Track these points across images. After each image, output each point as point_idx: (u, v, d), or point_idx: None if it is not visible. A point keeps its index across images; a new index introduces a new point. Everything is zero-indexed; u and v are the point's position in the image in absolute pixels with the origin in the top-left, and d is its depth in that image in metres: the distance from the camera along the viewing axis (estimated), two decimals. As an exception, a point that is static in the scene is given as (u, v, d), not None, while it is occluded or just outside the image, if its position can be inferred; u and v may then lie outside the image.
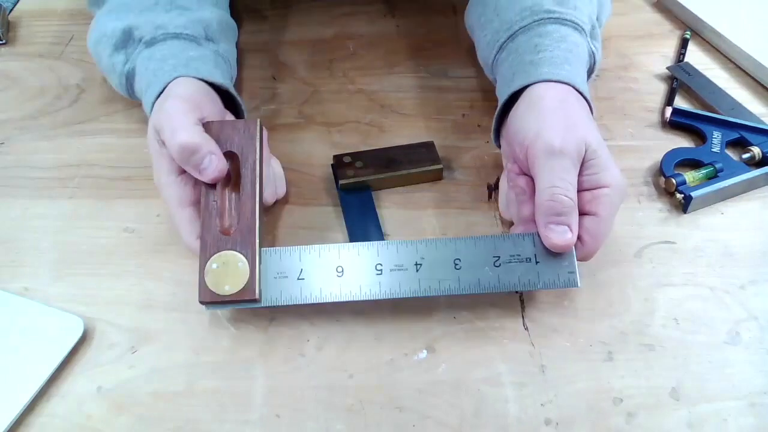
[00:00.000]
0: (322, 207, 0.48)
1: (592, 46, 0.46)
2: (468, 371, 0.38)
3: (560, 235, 0.37)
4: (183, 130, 0.39)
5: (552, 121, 0.39)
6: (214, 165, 0.39)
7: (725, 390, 0.37)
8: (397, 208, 0.48)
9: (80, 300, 0.42)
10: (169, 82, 0.43)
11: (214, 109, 0.43)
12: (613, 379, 0.38)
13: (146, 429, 0.36)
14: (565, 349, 0.39)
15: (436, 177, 0.49)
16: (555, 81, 0.41)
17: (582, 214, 0.38)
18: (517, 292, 0.42)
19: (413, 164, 0.48)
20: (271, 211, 0.47)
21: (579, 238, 0.38)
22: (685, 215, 0.47)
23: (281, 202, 0.48)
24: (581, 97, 0.42)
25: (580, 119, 0.40)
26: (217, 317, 0.41)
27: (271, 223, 0.47)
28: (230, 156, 0.41)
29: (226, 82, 0.45)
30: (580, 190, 0.38)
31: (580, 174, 0.38)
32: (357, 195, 0.47)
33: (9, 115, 0.56)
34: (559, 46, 0.43)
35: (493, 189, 0.49)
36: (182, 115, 0.40)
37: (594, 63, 0.46)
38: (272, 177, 0.45)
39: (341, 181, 0.47)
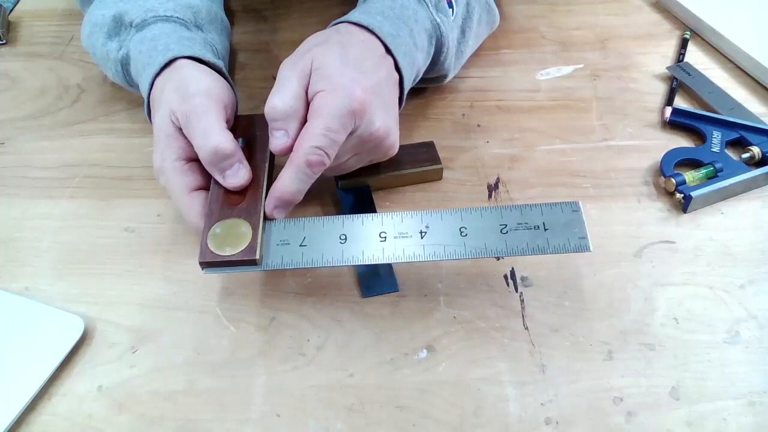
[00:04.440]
0: (322, 207, 0.48)
1: (436, 18, 0.47)
2: (468, 371, 0.38)
3: (276, 140, 0.40)
4: (216, 132, 0.39)
5: (305, 44, 0.43)
6: (240, 174, 0.40)
7: (725, 389, 0.37)
8: (397, 208, 0.48)
9: (81, 299, 0.42)
10: (166, 63, 0.43)
11: (231, 97, 0.44)
12: (613, 378, 0.38)
13: (147, 428, 0.36)
14: (565, 348, 0.39)
15: (436, 177, 0.49)
16: (355, 23, 0.44)
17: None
18: (508, 283, 0.42)
19: (413, 164, 0.48)
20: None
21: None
22: (685, 215, 0.47)
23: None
24: (376, 41, 0.43)
25: (328, 43, 0.42)
26: (217, 317, 0.41)
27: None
28: (246, 143, 0.43)
29: (219, 63, 0.46)
30: (310, 101, 0.40)
31: (309, 87, 0.40)
32: (357, 195, 0.47)
33: (9, 115, 0.56)
34: (384, 2, 0.46)
35: (493, 189, 0.49)
36: (213, 115, 0.40)
37: (441, 34, 0.48)
38: None
39: (341, 181, 0.47)
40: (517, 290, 0.42)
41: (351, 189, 0.48)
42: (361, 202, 0.47)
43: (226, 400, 0.37)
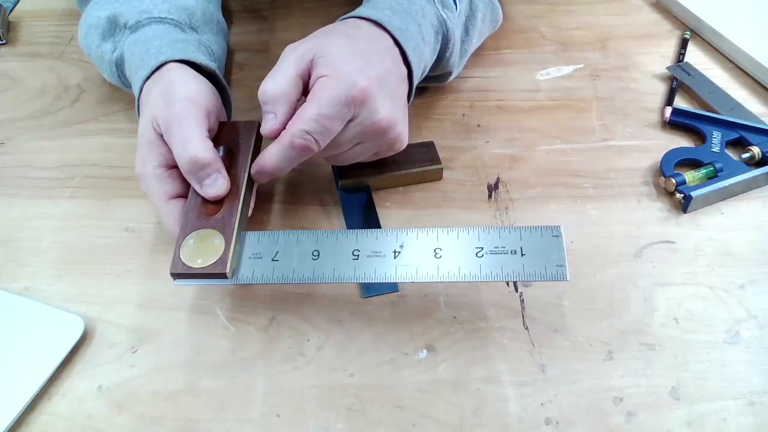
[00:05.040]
0: (323, 207, 0.48)
1: (442, 13, 0.47)
2: (468, 371, 0.38)
3: (265, 122, 0.40)
4: (195, 141, 0.39)
5: (311, 34, 0.43)
6: (218, 184, 0.40)
7: (725, 389, 0.37)
8: (397, 208, 0.48)
9: (81, 299, 0.42)
10: (157, 66, 0.43)
11: (216, 104, 0.44)
12: (613, 378, 0.38)
13: (147, 428, 0.36)
14: (565, 348, 0.39)
15: (436, 177, 0.49)
16: (365, 18, 0.44)
17: None
18: (508, 283, 0.42)
19: (413, 164, 0.48)
20: (271, 211, 0.47)
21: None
22: (685, 215, 0.47)
23: (282, 202, 0.48)
24: (385, 34, 0.43)
25: (335, 33, 0.42)
26: (217, 317, 0.41)
27: (271, 223, 0.47)
28: (227, 151, 0.42)
29: (211, 65, 0.46)
30: (311, 88, 0.40)
31: (311, 73, 0.40)
32: (357, 195, 0.47)
33: (9, 115, 0.56)
34: None
35: (493, 189, 0.49)
36: (194, 123, 0.40)
37: (447, 30, 0.48)
38: None
39: (341, 181, 0.47)
40: (517, 290, 0.42)
41: (351, 189, 0.48)
42: (362, 202, 0.47)
43: (226, 400, 0.37)
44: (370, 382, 0.38)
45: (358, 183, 0.48)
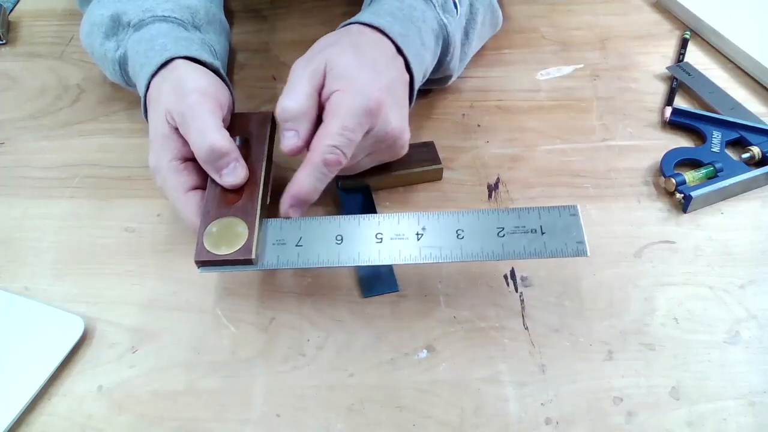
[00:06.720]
0: (323, 207, 0.48)
1: (443, 18, 0.47)
2: (468, 371, 0.38)
3: (286, 140, 0.40)
4: (212, 131, 0.39)
5: (317, 45, 0.43)
6: (237, 173, 0.40)
7: (725, 389, 0.37)
8: (397, 208, 0.48)
9: (81, 299, 0.42)
10: (162, 63, 0.43)
11: (227, 96, 0.44)
12: (614, 378, 0.38)
13: (147, 428, 0.36)
14: (565, 348, 0.39)
15: (436, 177, 0.49)
16: (365, 24, 0.44)
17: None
18: (508, 283, 0.42)
19: (413, 164, 0.48)
20: (271, 211, 0.47)
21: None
22: (685, 215, 0.47)
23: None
24: (387, 41, 0.43)
25: (341, 44, 0.42)
26: (217, 317, 0.41)
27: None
28: (243, 141, 0.43)
29: (215, 63, 0.46)
30: (325, 101, 0.40)
31: (323, 87, 0.40)
32: (357, 195, 0.47)
33: (9, 115, 0.56)
34: (392, 3, 0.46)
35: (493, 189, 0.49)
36: (209, 114, 0.40)
37: (447, 35, 0.48)
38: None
39: (341, 181, 0.47)
40: (517, 290, 0.42)
41: (351, 189, 0.48)
42: (361, 203, 0.47)
43: (226, 400, 0.37)
44: (370, 382, 0.38)
45: (358, 183, 0.48)
